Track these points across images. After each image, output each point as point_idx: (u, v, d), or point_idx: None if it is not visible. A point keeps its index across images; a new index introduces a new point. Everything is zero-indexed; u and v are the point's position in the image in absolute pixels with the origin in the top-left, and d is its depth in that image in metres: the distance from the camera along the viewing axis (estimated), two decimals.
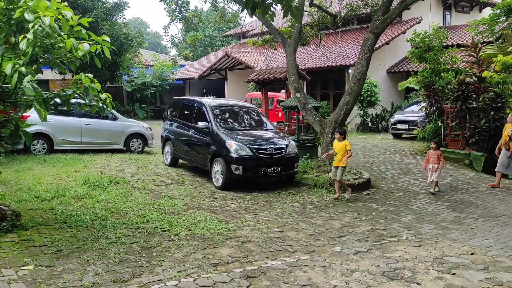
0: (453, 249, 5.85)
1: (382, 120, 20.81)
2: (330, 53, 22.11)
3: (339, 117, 10.39)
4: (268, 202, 8.35)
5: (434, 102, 14.27)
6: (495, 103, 12.48)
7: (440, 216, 7.67)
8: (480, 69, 13.30)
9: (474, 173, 12.04)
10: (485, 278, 4.79)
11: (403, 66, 21.96)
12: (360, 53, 10.40)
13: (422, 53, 14.27)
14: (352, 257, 5.43)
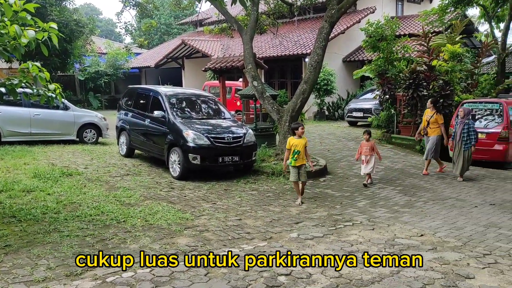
0: (404, 231, 6.08)
1: (339, 108, 21.21)
2: (287, 42, 22.23)
3: (296, 105, 10.48)
4: (227, 191, 8.35)
5: (387, 90, 14.67)
6: (444, 91, 12.98)
7: (393, 200, 7.94)
8: (430, 58, 13.79)
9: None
10: (434, 258, 5.01)
11: (358, 55, 22.41)
12: (315, 42, 10.51)
13: (375, 42, 14.60)
14: (308, 242, 5.54)
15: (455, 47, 13.45)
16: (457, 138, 9.47)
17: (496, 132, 11.38)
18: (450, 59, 13.53)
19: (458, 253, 5.18)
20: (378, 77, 15.12)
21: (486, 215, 6.89)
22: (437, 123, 10.05)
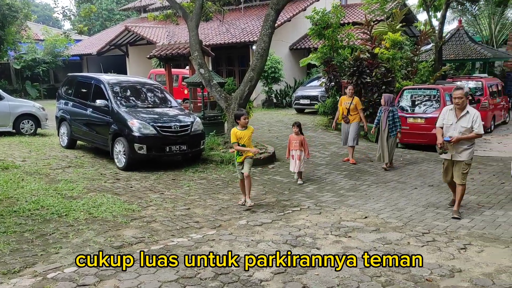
0: (349, 214, 6.26)
1: (286, 96, 21.42)
2: (234, 29, 22.08)
3: (244, 93, 10.45)
4: (175, 181, 8.22)
5: (333, 77, 14.97)
6: (386, 78, 13.45)
7: (339, 184, 8.15)
8: (372, 46, 14.20)
9: (369, 143, 12.94)
10: (377, 239, 5.20)
11: (305, 43, 22.67)
12: (262, 29, 10.49)
13: (321, 30, 14.82)
14: (257, 229, 5.57)
15: (396, 35, 13.93)
16: (383, 126, 9.27)
17: (434, 117, 11.90)
18: (391, 47, 14.01)
19: (399, 233, 5.41)
20: (324, 65, 15.38)
21: (425, 196, 7.24)
22: (356, 109, 9.86)
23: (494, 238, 5.20)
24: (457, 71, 22.93)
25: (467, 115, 5.99)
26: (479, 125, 5.92)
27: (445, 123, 6.16)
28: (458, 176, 6.12)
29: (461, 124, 5.99)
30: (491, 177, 8.57)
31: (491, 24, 26.01)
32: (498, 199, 6.99)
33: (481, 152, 12.07)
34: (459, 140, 5.95)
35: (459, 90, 6.01)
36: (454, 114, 6.09)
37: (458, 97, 5.94)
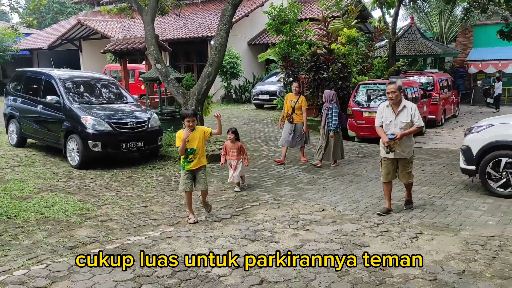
0: (307, 207, 6.35)
1: (245, 91, 21.43)
2: (192, 24, 21.81)
3: (201, 88, 10.35)
4: (131, 178, 8.05)
5: (291, 73, 15.10)
6: (342, 73, 13.70)
7: (297, 178, 8.24)
8: (329, 41, 14.41)
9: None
10: (333, 231, 5.31)
11: (263, 38, 22.73)
12: (219, 24, 10.42)
13: (278, 25, 14.89)
14: (216, 225, 5.55)
15: (351, 31, 14.21)
16: (322, 124, 9.12)
17: None
18: (347, 43, 14.28)
19: (355, 224, 5.54)
20: (282, 60, 15.49)
21: (380, 188, 7.41)
22: (301, 109, 9.24)
23: (443, 227, 5.42)
24: (410, 66, 23.71)
25: (405, 110, 5.76)
26: (418, 118, 5.74)
27: (384, 121, 5.88)
28: (404, 175, 5.96)
29: (400, 120, 5.75)
30: (441, 169, 8.93)
31: (441, 21, 27.07)
32: (448, 190, 7.29)
33: (433, 145, 12.57)
34: (403, 136, 5.70)
35: (392, 84, 5.71)
36: (391, 110, 5.82)
37: (392, 92, 5.67)
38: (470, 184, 7.53)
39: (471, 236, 5.09)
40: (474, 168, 7.01)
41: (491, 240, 4.93)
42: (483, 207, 6.24)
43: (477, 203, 6.47)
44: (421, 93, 14.45)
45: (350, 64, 13.91)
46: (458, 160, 7.46)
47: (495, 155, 6.77)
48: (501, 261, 4.37)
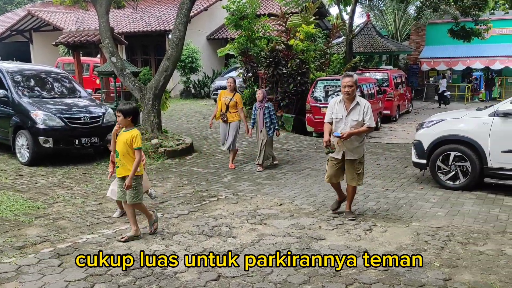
0: (265, 202, 6.38)
1: (205, 86, 21.27)
2: (149, 17, 21.41)
3: (159, 82, 10.17)
4: (85, 175, 7.80)
5: (250, 68, 15.11)
6: (301, 69, 13.85)
7: (256, 173, 8.26)
8: (287, 37, 14.52)
9: (286, 133, 13.28)
10: (291, 224, 5.36)
11: (222, 33, 22.62)
12: (176, 18, 10.26)
13: (237, 20, 14.83)
14: (173, 221, 5.48)
15: (309, 28, 14.37)
16: (260, 125, 8.40)
17: None
18: (305, 39, 14.43)
19: (312, 218, 5.62)
20: (241, 55, 15.46)
21: None
22: (237, 106, 8.48)
23: (396, 219, 5.60)
24: (366, 63, 24.29)
25: (357, 107, 5.29)
26: (371, 117, 5.29)
27: (334, 118, 5.39)
28: (353, 178, 5.45)
29: (351, 118, 5.30)
30: (395, 162, 9.21)
31: (395, 19, 27.87)
32: (401, 183, 7.54)
33: (387, 139, 12.95)
34: (351, 135, 5.22)
35: (349, 77, 5.24)
36: (344, 107, 5.33)
37: (348, 85, 5.19)
38: (422, 177, 7.81)
39: (422, 227, 5.28)
40: (425, 161, 7.27)
41: (440, 231, 5.14)
42: (433, 199, 6.49)
43: (428, 195, 6.72)
44: (376, 89, 14.85)
45: (308, 60, 14.07)
46: (411, 154, 7.71)
47: (444, 149, 7.05)
48: (449, 251, 4.56)
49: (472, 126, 6.87)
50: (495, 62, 23.62)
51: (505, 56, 23.02)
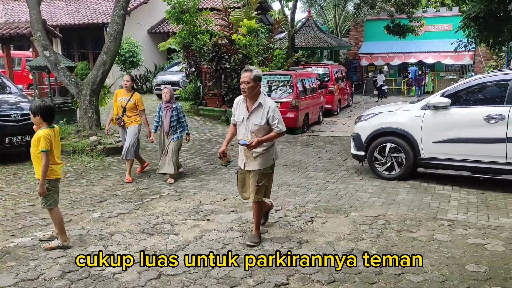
0: (209, 197, 6.33)
1: (147, 81, 20.80)
2: (85, 9, 20.55)
3: (96, 77, 9.80)
4: (17, 175, 7.38)
5: (193, 63, 14.95)
6: (244, 64, 13.85)
7: (200, 169, 8.19)
8: (230, 32, 14.48)
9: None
10: (234, 219, 5.36)
11: (163, 27, 22.17)
12: (114, 10, 9.92)
13: (178, 14, 14.60)
14: (112, 220, 5.30)
15: (252, 23, 14.42)
16: (165, 129, 7.24)
17: (288, 101, 12.74)
18: (248, 34, 14.46)
19: None
20: (183, 50, 15.25)
21: (279, 176, 7.67)
22: (136, 109, 7.28)
23: (336, 210, 5.76)
24: (309, 58, 24.78)
25: (260, 109, 4.42)
26: (279, 122, 4.42)
27: (236, 120, 4.60)
28: (253, 190, 4.54)
29: (253, 121, 4.43)
30: (336, 155, 9.48)
31: (335, 15, 28.60)
32: (341, 174, 7.76)
33: (329, 133, 13.30)
34: (261, 142, 4.38)
35: (247, 72, 4.37)
36: (245, 107, 4.51)
37: (244, 81, 4.35)
38: (361, 168, 8.09)
39: (360, 216, 5.47)
40: (364, 153, 7.54)
41: (377, 220, 5.35)
42: (371, 190, 6.74)
43: (366, 186, 6.98)
44: (318, 84, 15.19)
45: (251, 55, 14.13)
46: (350, 146, 7.95)
47: (381, 141, 7.34)
48: (384, 238, 4.76)
49: (406, 118, 7.20)
50: (428, 57, 24.92)
51: (437, 52, 24.33)
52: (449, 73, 26.93)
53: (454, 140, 6.71)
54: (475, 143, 6.57)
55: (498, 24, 9.98)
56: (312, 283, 3.77)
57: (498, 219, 5.41)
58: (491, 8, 9.13)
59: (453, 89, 7.08)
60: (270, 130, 4.48)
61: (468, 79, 7.61)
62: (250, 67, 4.49)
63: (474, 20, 9.92)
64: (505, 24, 10.17)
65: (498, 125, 6.38)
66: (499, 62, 21.96)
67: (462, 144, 6.67)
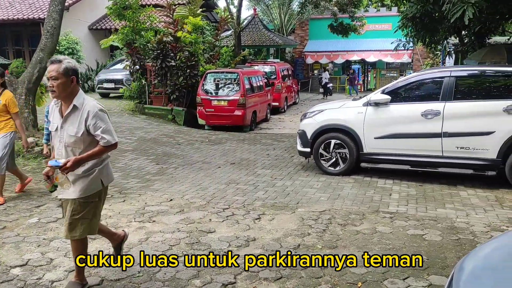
0: (155, 198, 6.18)
1: (89, 80, 20.05)
2: (20, 4, 19.45)
3: (32, 75, 9.30)
4: None
5: (137, 60, 14.56)
6: (190, 62, 13.71)
7: (145, 169, 7.99)
8: (175, 29, 14.24)
9: (177, 127, 13.09)
10: (180, 220, 5.27)
11: (105, 23, 21.46)
12: (50, 5, 9.46)
13: (120, 10, 14.16)
14: (51, 225, 5.04)
15: (197, 20, 14.26)
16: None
17: (235, 99, 12.73)
18: (193, 31, 14.29)
19: (202, 211, 5.59)
20: (127, 47, 14.82)
21: (227, 174, 7.64)
22: (7, 112, 5.95)
23: (283, 206, 5.81)
24: (255, 56, 24.91)
25: (76, 114, 3.35)
26: (106, 130, 3.37)
27: (50, 129, 3.54)
28: (66, 223, 3.41)
29: (67, 131, 3.36)
30: (283, 152, 9.58)
31: (281, 14, 28.92)
32: (288, 171, 7.85)
33: (276, 130, 13.45)
34: (79, 162, 3.27)
35: (54, 64, 3.31)
36: (59, 112, 3.44)
37: (53, 77, 3.29)
38: (307, 165, 8.23)
39: (306, 212, 5.55)
40: (309, 150, 7.66)
41: (322, 215, 5.45)
42: (317, 185, 6.87)
43: (312, 181, 7.10)
44: (265, 82, 15.29)
45: (197, 52, 13.98)
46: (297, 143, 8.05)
47: (325, 138, 7.49)
48: (330, 233, 4.86)
49: (349, 115, 7.40)
50: (370, 55, 25.81)
51: (378, 50, 25.24)
52: (390, 71, 28.07)
53: (394, 135, 6.98)
54: (413, 138, 6.87)
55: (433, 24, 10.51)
56: (259, 280, 3.78)
57: (435, 210, 5.68)
58: (427, 9, 9.61)
59: (392, 86, 7.35)
60: (97, 143, 3.39)
61: (406, 77, 7.93)
62: (59, 57, 3.38)
63: (411, 20, 10.40)
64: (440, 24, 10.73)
65: (434, 121, 6.70)
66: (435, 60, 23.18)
67: (401, 139, 6.95)
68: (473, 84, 7.09)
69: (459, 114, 6.63)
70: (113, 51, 20.82)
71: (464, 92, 6.93)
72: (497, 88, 6.93)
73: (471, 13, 7.72)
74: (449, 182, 6.92)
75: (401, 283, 3.73)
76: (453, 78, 6.79)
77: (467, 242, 4.59)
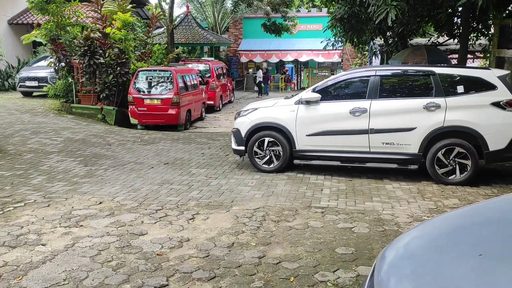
0: (82, 202, 5.90)
1: (9, 77, 18.75)
2: None
3: None
4: None
5: (62, 57, 13.85)
6: (120, 59, 13.25)
7: (72, 172, 7.60)
8: (103, 25, 13.69)
9: (107, 126, 12.59)
10: (110, 223, 5.06)
11: (27, 18, 20.19)
12: None
13: (43, 4, 13.37)
14: None
15: (126, 16, 13.81)
16: None
17: (169, 98, 12.49)
18: (123, 28, 13.82)
19: (133, 213, 5.41)
20: (51, 43, 14.03)
21: (160, 174, 7.47)
22: None
23: (218, 205, 5.78)
24: (190, 54, 24.61)
25: None
26: None
27: None
28: None
29: None
30: (218, 151, 9.54)
31: (214, 12, 28.80)
32: (223, 170, 7.83)
33: (212, 129, 13.38)
34: None
35: None
36: None
37: None
38: (242, 163, 8.25)
39: (241, 210, 5.57)
40: (244, 148, 7.69)
41: (257, 212, 5.49)
42: (251, 183, 6.91)
43: (247, 179, 7.13)
44: (199, 80, 15.15)
45: (128, 49, 13.55)
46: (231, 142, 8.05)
47: (259, 136, 7.55)
48: (264, 230, 4.90)
49: (282, 113, 7.51)
50: (302, 55, 26.45)
51: (309, 50, 25.93)
52: (322, 70, 28.93)
53: (324, 132, 7.19)
54: (342, 135, 7.12)
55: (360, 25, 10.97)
56: (192, 281, 3.72)
57: (363, 203, 5.93)
58: (354, 10, 10.00)
59: (322, 85, 7.57)
60: None
61: (335, 76, 8.19)
62: None
63: (340, 21, 10.78)
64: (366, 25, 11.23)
65: (361, 118, 6.99)
66: (363, 60, 24.24)
67: (331, 136, 7.18)
68: (396, 83, 7.49)
69: (383, 111, 6.97)
70: (36, 47, 19.62)
71: (389, 90, 7.29)
72: (418, 87, 7.35)
73: (394, 14, 8.15)
74: (376, 177, 7.26)
75: (331, 275, 3.85)
76: (378, 77, 7.12)
77: (392, 233, 4.83)
